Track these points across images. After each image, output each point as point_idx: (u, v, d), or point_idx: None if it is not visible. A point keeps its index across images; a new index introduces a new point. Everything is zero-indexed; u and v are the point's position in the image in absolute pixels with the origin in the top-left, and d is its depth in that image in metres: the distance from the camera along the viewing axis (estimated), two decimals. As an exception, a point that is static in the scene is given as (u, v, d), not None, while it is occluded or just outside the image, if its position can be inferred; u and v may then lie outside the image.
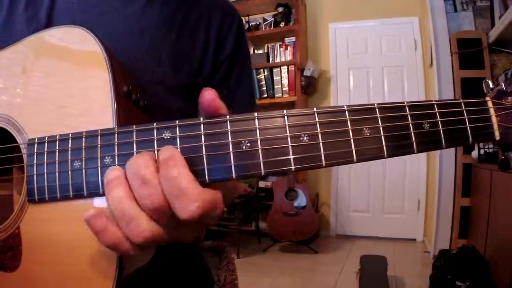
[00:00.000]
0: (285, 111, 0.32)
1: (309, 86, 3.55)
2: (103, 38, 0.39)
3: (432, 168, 3.24)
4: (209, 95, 0.32)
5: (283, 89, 3.59)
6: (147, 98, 0.43)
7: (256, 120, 0.32)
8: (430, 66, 3.10)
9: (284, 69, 3.62)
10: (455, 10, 2.80)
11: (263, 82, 3.66)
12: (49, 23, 0.52)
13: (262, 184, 3.60)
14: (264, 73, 3.67)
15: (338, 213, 3.71)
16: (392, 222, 3.52)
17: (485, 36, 2.57)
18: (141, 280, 0.41)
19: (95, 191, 0.34)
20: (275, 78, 3.64)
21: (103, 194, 0.33)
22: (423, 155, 3.41)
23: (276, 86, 3.61)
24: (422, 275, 2.42)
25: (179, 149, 0.32)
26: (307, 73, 3.48)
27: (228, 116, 0.32)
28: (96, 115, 0.36)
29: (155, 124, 0.33)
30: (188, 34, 0.58)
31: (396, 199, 3.53)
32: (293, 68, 3.56)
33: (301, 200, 3.11)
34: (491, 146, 2.31)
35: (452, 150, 2.69)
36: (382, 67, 3.58)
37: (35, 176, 0.36)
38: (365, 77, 3.64)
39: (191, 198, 0.28)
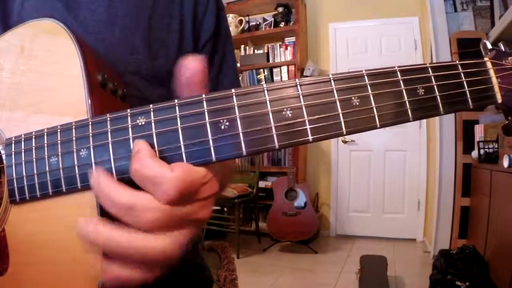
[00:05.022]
0: (264, 85, 0.30)
1: (309, 86, 3.55)
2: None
3: (432, 168, 3.24)
4: (196, 63, 0.30)
5: (283, 89, 3.60)
6: (126, 87, 0.42)
7: (234, 96, 0.30)
8: (430, 66, 3.10)
9: (284, 69, 3.63)
10: (455, 10, 2.81)
11: (263, 82, 3.66)
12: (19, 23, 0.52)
13: (262, 184, 3.60)
14: (264, 73, 3.68)
15: (338, 213, 3.71)
16: (392, 222, 3.52)
17: (485, 36, 2.57)
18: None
19: (73, 186, 0.33)
20: (275, 78, 3.65)
21: (81, 189, 0.32)
22: (423, 154, 3.41)
23: (276, 86, 3.62)
24: (422, 275, 2.42)
25: (154, 135, 0.31)
26: (307, 73, 3.48)
27: (204, 95, 0.31)
28: (71, 107, 0.35)
29: (128, 110, 0.32)
30: (161, 17, 0.56)
31: (396, 199, 3.52)
32: (293, 68, 3.57)
33: (301, 200, 3.11)
34: (491, 146, 2.31)
35: (452, 150, 2.69)
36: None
37: (14, 176, 0.35)
38: (365, 77, 3.65)
39: (160, 181, 0.28)
